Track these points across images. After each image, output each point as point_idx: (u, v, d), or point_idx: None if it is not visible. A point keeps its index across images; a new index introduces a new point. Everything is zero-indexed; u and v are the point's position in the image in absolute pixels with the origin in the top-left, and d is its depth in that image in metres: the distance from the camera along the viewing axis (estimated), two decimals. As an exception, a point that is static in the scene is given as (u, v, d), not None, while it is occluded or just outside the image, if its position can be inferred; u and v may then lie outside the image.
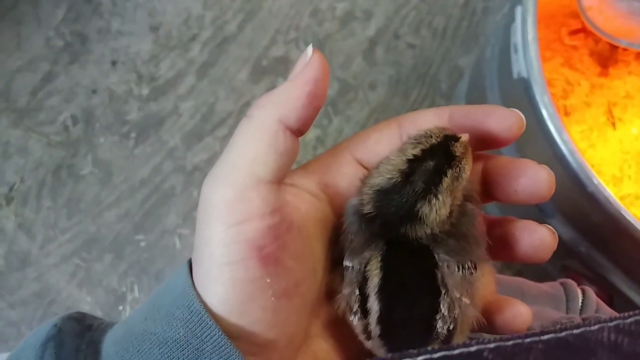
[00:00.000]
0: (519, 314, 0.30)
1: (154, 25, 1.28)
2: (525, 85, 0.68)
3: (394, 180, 0.27)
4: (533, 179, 0.28)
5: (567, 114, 0.90)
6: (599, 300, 0.46)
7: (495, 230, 0.31)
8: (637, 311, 0.25)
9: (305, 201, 0.29)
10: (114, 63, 1.26)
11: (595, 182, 0.64)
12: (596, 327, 0.23)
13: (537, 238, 0.30)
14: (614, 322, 0.23)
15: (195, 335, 0.26)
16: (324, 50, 1.27)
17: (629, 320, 0.23)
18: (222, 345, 0.26)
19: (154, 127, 1.21)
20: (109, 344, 0.28)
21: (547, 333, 0.23)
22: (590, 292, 0.46)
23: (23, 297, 1.10)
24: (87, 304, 1.10)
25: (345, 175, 0.30)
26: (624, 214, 0.63)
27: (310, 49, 0.27)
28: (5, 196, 1.17)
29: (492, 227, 0.31)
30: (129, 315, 0.31)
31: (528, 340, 0.23)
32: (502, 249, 0.30)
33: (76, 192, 1.17)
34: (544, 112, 0.66)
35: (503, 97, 0.84)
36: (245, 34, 1.27)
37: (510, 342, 0.23)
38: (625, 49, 0.90)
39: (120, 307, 1.10)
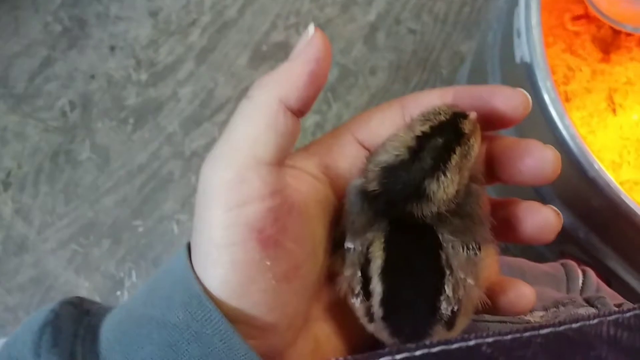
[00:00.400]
0: (523, 294, 0.29)
1: (153, 10, 1.27)
2: (527, 70, 0.68)
3: (402, 157, 0.26)
4: (538, 160, 0.28)
5: (567, 99, 0.89)
6: (600, 281, 0.45)
7: (499, 212, 0.30)
8: (636, 305, 0.25)
9: (306, 183, 0.29)
10: (112, 48, 1.25)
11: (597, 167, 0.63)
12: (595, 321, 0.23)
13: (541, 219, 0.29)
14: (613, 317, 0.23)
15: (195, 319, 0.26)
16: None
17: (628, 315, 0.23)
18: (222, 329, 0.25)
19: (152, 113, 1.20)
20: (107, 328, 0.28)
21: (546, 327, 0.23)
22: (591, 272, 0.46)
23: (20, 282, 1.11)
24: (85, 289, 1.10)
25: (347, 156, 0.30)
26: (624, 198, 0.63)
27: (311, 27, 0.27)
28: (3, 182, 1.16)
29: (495, 209, 0.30)
30: (128, 299, 0.30)
31: (527, 334, 0.23)
32: (505, 230, 0.30)
33: (74, 177, 1.17)
34: (546, 97, 0.66)
35: (505, 82, 0.84)
36: (245, 19, 1.26)
37: (509, 337, 0.23)
38: (627, 35, 0.89)
39: (118, 293, 1.11)
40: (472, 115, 0.27)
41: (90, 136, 1.19)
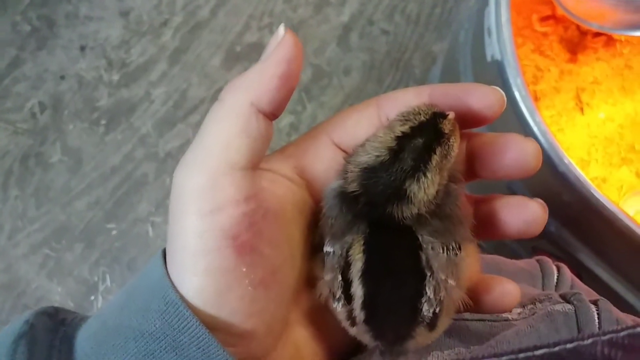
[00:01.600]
0: (508, 292, 0.29)
1: (124, 10, 1.26)
2: (499, 68, 0.69)
3: (382, 158, 0.26)
4: (521, 153, 0.28)
5: (537, 99, 0.91)
6: (574, 276, 0.46)
7: (482, 208, 0.30)
8: (629, 324, 0.25)
9: (281, 186, 0.28)
10: (82, 48, 1.23)
11: (566, 162, 0.65)
12: (589, 341, 0.23)
13: (529, 214, 0.29)
14: (607, 336, 0.23)
15: (172, 327, 0.25)
16: (298, 36, 1.25)
17: (622, 334, 0.23)
18: (200, 336, 0.25)
19: (125, 114, 1.19)
20: (83, 338, 0.27)
21: (541, 348, 0.23)
22: (565, 268, 0.47)
23: (-9, 288, 1.08)
24: (58, 294, 1.08)
25: (323, 158, 0.29)
26: (593, 192, 0.64)
27: (282, 28, 0.27)
28: (-29, 186, 1.14)
29: (478, 205, 0.30)
30: (102, 307, 0.30)
31: (522, 355, 0.23)
32: (491, 227, 0.30)
33: (45, 180, 1.14)
34: (517, 94, 0.67)
35: (477, 80, 0.85)
36: (218, 20, 1.26)
37: (505, 358, 0.23)
38: (594, 36, 0.92)
39: (92, 297, 1.09)
40: (451, 115, 0.27)
41: (62, 138, 1.17)
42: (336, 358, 0.31)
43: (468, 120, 0.29)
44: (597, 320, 0.32)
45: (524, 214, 0.29)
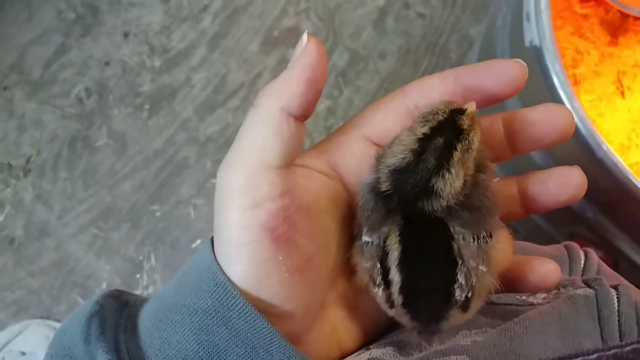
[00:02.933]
0: (551, 270, 0.31)
1: (165, -3, 1.28)
2: (537, 53, 0.69)
3: (407, 159, 0.28)
4: (560, 117, 0.30)
5: (576, 83, 0.90)
6: (601, 262, 0.47)
7: (527, 185, 0.32)
8: (635, 340, 0.26)
9: (316, 181, 0.31)
10: (126, 35, 1.26)
11: (605, 148, 0.65)
12: (594, 356, 0.24)
13: (576, 177, 0.31)
14: (612, 351, 0.24)
15: (222, 304, 0.28)
16: (334, 21, 1.27)
17: (627, 349, 0.24)
18: (247, 312, 0.28)
19: (167, 99, 1.22)
20: (145, 316, 0.31)
21: None
22: (593, 253, 0.47)
23: (42, 266, 1.13)
24: (106, 272, 1.13)
25: (355, 153, 0.32)
26: (632, 179, 0.64)
27: (305, 36, 0.28)
28: (23, 168, 1.19)
29: (522, 183, 0.32)
30: (159, 290, 0.33)
31: None
32: (540, 201, 0.32)
33: (92, 163, 1.19)
34: (555, 80, 0.67)
35: (514, 66, 0.85)
36: (255, 5, 1.27)
37: None
38: (636, 19, 0.90)
39: (138, 275, 1.13)
40: (470, 108, 0.29)
41: (107, 122, 1.21)
42: (370, 337, 0.34)
43: (495, 95, 0.30)
44: (616, 304, 0.33)
45: (572, 179, 0.31)
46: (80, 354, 0.29)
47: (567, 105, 0.67)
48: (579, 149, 0.68)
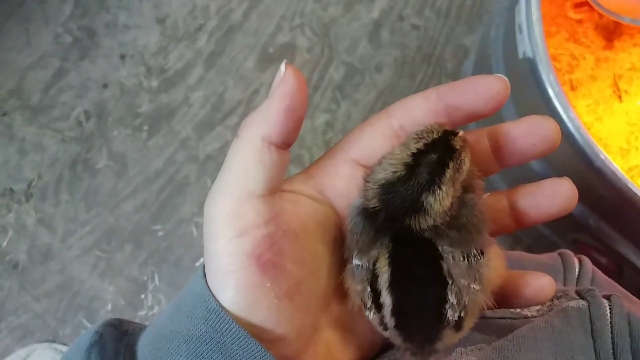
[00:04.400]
0: (546, 285, 0.31)
1: (160, 17, 1.29)
2: (530, 65, 0.70)
3: (399, 173, 0.28)
4: (545, 129, 0.30)
5: (573, 88, 0.91)
6: (595, 269, 0.47)
7: (518, 198, 0.32)
8: None
9: (304, 205, 0.31)
10: (122, 57, 1.27)
11: (602, 157, 0.65)
12: None
13: (566, 188, 0.31)
14: None
15: (216, 330, 0.28)
16: (329, 35, 1.27)
17: None
18: (240, 336, 0.28)
19: (165, 119, 1.23)
20: (142, 344, 0.31)
21: None
22: (587, 261, 0.47)
23: (47, 289, 1.14)
24: (110, 293, 1.13)
25: (342, 176, 0.32)
26: (630, 187, 0.65)
27: (283, 65, 0.29)
28: (25, 192, 1.19)
29: (512, 197, 0.32)
30: (155, 317, 0.34)
31: None
32: (531, 214, 0.32)
33: (93, 185, 1.19)
34: (550, 91, 0.68)
35: (509, 75, 0.85)
36: (250, 22, 1.28)
37: None
38: (630, 22, 0.90)
39: (142, 296, 1.13)
40: (461, 132, 0.29)
41: (107, 144, 1.22)
42: (367, 356, 0.34)
43: (479, 111, 0.30)
44: (609, 315, 0.33)
45: (562, 190, 0.31)
46: None
47: (563, 115, 0.67)
48: (577, 158, 0.68)
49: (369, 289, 0.29)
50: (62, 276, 1.14)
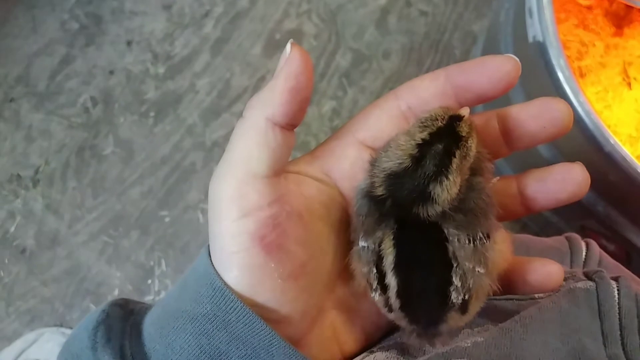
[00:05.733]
0: (554, 272, 0.31)
1: (167, 4, 1.29)
2: (541, 49, 0.69)
3: (405, 164, 0.28)
4: (556, 110, 0.30)
5: (582, 75, 0.90)
6: (602, 252, 0.46)
7: (528, 183, 0.32)
8: None
9: (309, 187, 0.31)
10: (129, 43, 1.27)
11: (612, 142, 0.65)
12: None
13: (577, 174, 0.31)
14: None
15: (220, 309, 0.29)
16: (336, 22, 1.27)
17: None
18: (245, 315, 0.28)
19: (172, 105, 1.23)
20: (148, 323, 0.31)
21: None
22: (594, 244, 0.47)
23: (55, 274, 1.14)
24: (117, 279, 1.14)
25: (349, 157, 0.32)
26: (640, 172, 0.64)
27: (289, 45, 0.29)
28: (32, 178, 1.20)
29: (521, 181, 0.32)
30: (162, 297, 0.34)
31: None
32: (541, 199, 0.32)
33: (100, 171, 1.20)
34: (560, 75, 0.67)
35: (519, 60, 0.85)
36: (257, 8, 1.28)
37: None
38: (640, 8, 0.90)
39: (149, 281, 1.14)
40: (464, 112, 0.29)
41: (113, 131, 1.22)
42: (372, 338, 0.34)
43: (489, 92, 0.30)
44: (616, 296, 0.33)
45: (573, 176, 0.31)
46: None
47: (573, 100, 0.67)
48: (586, 144, 0.68)
49: (374, 271, 0.29)
50: (69, 261, 1.15)
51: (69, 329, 1.10)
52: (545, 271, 0.31)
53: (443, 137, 0.28)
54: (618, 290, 0.33)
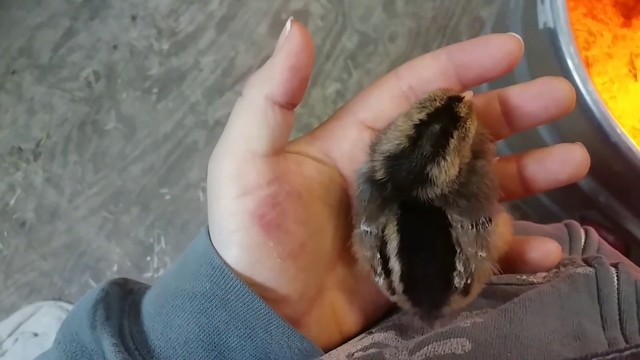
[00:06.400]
0: (551, 251, 0.31)
1: (172, -21, 1.27)
2: (551, 36, 0.69)
3: (403, 145, 0.27)
4: (558, 90, 0.29)
5: (589, 65, 0.90)
6: (601, 240, 0.46)
7: (528, 163, 0.32)
8: (632, 344, 0.25)
9: (309, 167, 0.31)
10: (133, 18, 1.26)
11: (619, 131, 0.65)
12: None
13: (577, 155, 0.30)
14: (610, 356, 0.24)
15: (220, 287, 0.29)
16: (344, 3, 1.25)
17: (625, 353, 0.24)
18: (244, 293, 0.28)
19: (175, 82, 1.22)
20: (148, 302, 0.31)
21: None
22: (592, 231, 0.47)
23: (54, 248, 1.14)
24: (116, 254, 1.14)
25: (349, 138, 0.31)
26: (646, 163, 0.64)
27: (289, 22, 0.28)
28: (33, 151, 1.19)
29: (521, 161, 0.32)
30: (161, 276, 0.34)
31: None
32: (540, 179, 0.31)
33: (101, 146, 1.19)
34: (570, 63, 0.67)
35: (527, 47, 0.84)
36: (264, -13, 1.26)
37: None
38: (651, -1, 0.89)
39: (148, 258, 1.14)
40: (467, 96, 0.28)
41: (116, 106, 1.21)
42: (371, 319, 0.34)
43: (492, 71, 0.29)
44: (616, 282, 0.33)
45: (573, 156, 0.30)
46: (87, 338, 0.30)
47: (582, 88, 0.66)
48: (592, 133, 0.68)
49: (378, 255, 0.29)
50: (69, 236, 1.15)
51: (67, 303, 1.11)
52: (544, 249, 0.31)
53: (441, 117, 0.27)
54: (617, 276, 0.33)
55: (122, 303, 0.31)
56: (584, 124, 0.69)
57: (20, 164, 1.19)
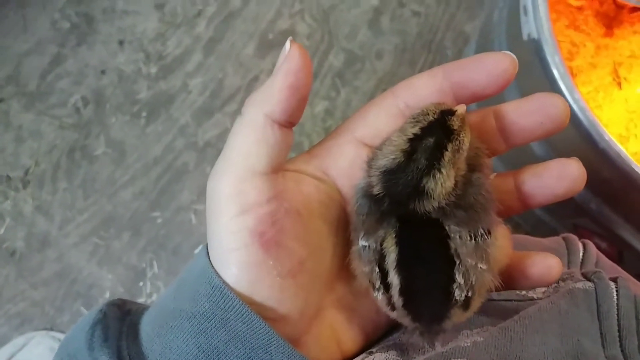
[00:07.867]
0: (553, 265, 0.31)
1: (159, 3, 1.28)
2: (536, 47, 0.70)
3: (398, 160, 0.28)
4: (553, 106, 0.30)
5: (573, 75, 0.91)
6: (599, 253, 0.47)
7: (524, 179, 0.32)
8: None
9: (307, 185, 0.31)
10: (121, 43, 1.26)
11: (607, 138, 0.65)
12: None
13: (573, 170, 0.31)
14: None
15: (219, 307, 0.28)
16: (329, 22, 1.27)
17: None
18: (244, 313, 0.28)
19: (164, 105, 1.22)
20: (146, 323, 0.31)
21: None
22: (591, 245, 0.47)
23: (45, 277, 1.13)
24: (108, 281, 1.13)
25: (347, 155, 0.32)
26: (635, 168, 0.65)
27: (288, 42, 0.29)
28: (22, 180, 1.18)
29: (518, 177, 0.32)
30: (159, 297, 0.34)
31: None
32: (537, 195, 0.32)
33: (91, 172, 1.19)
34: (555, 72, 0.68)
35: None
36: (250, 8, 1.27)
37: None
38: (631, 10, 0.91)
39: (141, 283, 1.13)
40: (460, 109, 0.29)
41: (105, 131, 1.21)
42: (371, 338, 0.34)
43: (487, 89, 0.30)
44: (615, 297, 0.33)
45: (570, 171, 0.31)
46: None
47: (568, 97, 0.67)
48: (580, 140, 0.68)
49: (376, 269, 0.29)
50: (59, 264, 1.14)
51: (60, 333, 1.09)
52: (546, 264, 0.31)
53: (434, 131, 0.28)
54: (617, 291, 0.33)
55: (120, 324, 0.31)
56: (572, 132, 0.69)
57: (9, 192, 1.18)
